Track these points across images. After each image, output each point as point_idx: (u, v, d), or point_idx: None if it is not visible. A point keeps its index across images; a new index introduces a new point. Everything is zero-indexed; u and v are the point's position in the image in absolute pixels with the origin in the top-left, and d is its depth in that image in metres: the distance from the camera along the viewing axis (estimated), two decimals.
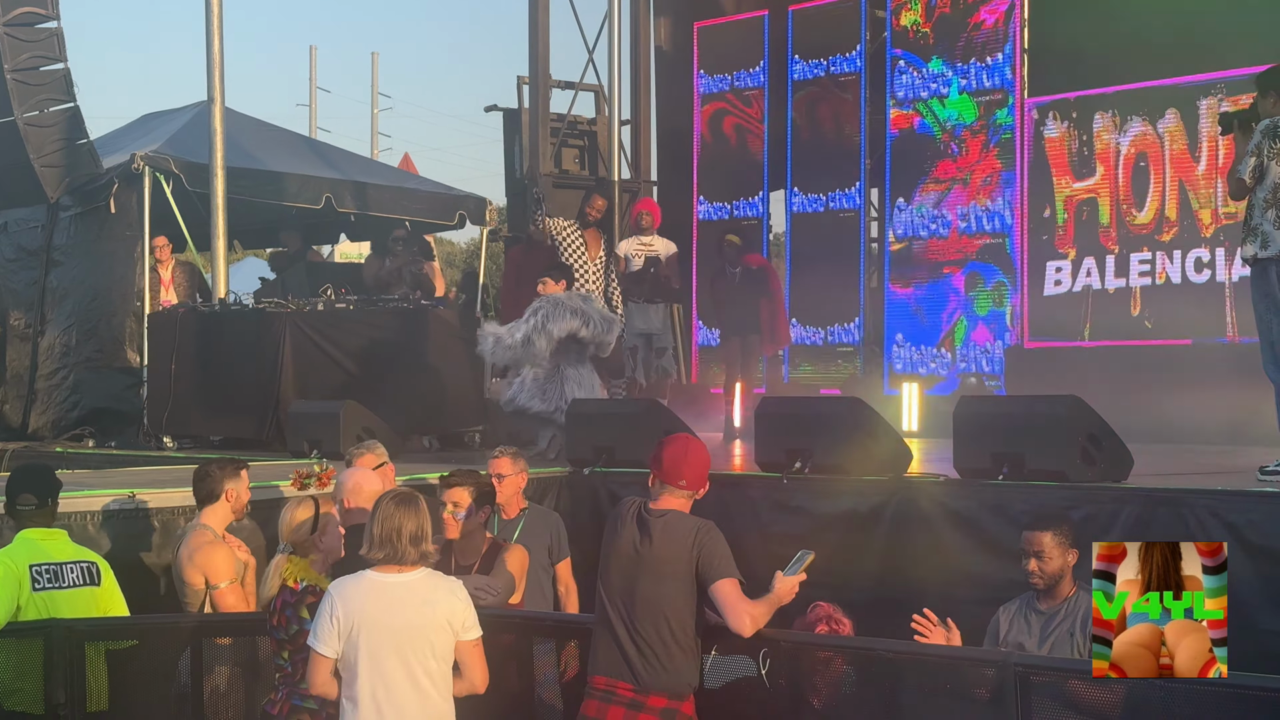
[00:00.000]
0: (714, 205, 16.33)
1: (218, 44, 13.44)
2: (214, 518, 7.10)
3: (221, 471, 7.17)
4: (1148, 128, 12.95)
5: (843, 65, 15.26)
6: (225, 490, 7.11)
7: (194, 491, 7.23)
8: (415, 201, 16.19)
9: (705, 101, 16.46)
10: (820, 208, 15.35)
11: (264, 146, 15.49)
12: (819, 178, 15.39)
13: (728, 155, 16.26)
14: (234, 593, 6.80)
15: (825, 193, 15.33)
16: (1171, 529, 7.09)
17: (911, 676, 5.34)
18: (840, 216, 15.20)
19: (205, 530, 7.00)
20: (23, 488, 6.59)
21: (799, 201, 15.54)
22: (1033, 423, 7.80)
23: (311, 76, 40.60)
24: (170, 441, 12.80)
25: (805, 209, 15.48)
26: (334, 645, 5.26)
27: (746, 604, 5.37)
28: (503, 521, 7.59)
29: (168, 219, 13.92)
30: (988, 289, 13.92)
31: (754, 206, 16.06)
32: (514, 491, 7.63)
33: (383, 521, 5.31)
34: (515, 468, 7.65)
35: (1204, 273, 12.57)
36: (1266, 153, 7.55)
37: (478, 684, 5.40)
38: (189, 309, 13.26)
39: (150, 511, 7.93)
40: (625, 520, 5.59)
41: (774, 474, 8.57)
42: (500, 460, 7.64)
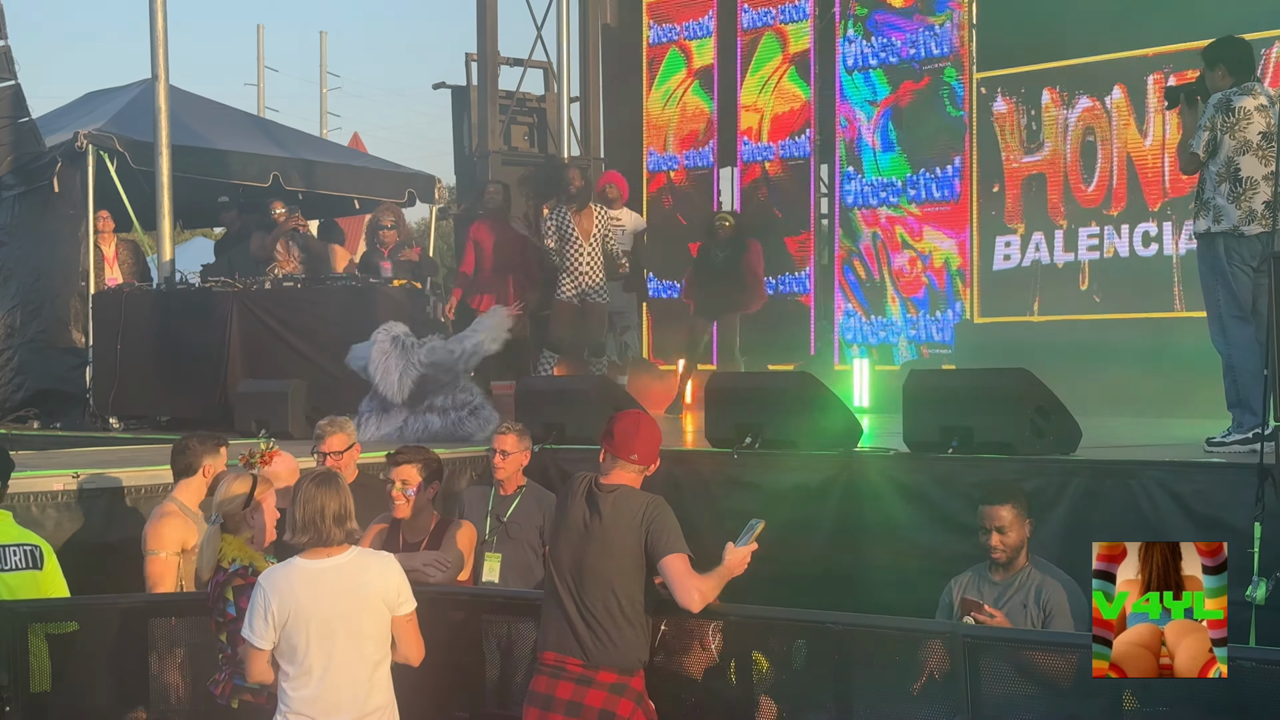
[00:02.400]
0: (664, 155, 16.27)
1: (161, 20, 13.31)
2: (187, 492, 7.06)
3: (202, 447, 7.13)
4: (1095, 102, 12.99)
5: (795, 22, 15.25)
6: (203, 466, 7.07)
7: (171, 464, 7.19)
8: (363, 179, 16.09)
9: (652, 59, 16.38)
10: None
11: (210, 124, 15.34)
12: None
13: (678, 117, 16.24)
14: (162, 564, 6.72)
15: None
16: (1119, 500, 7.13)
17: (862, 649, 5.34)
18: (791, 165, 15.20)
19: (172, 503, 6.98)
20: None
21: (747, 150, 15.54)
22: (981, 396, 7.83)
23: (259, 55, 40.31)
24: (116, 422, 12.70)
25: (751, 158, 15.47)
26: (269, 637, 5.19)
27: (695, 579, 5.35)
28: (499, 498, 7.56)
29: (112, 198, 13.78)
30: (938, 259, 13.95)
31: (704, 156, 16.01)
32: (515, 469, 7.60)
33: (304, 504, 5.22)
34: (520, 445, 7.60)
35: (1151, 247, 12.63)
36: (1220, 126, 7.56)
37: (411, 657, 5.35)
38: (134, 289, 13.14)
39: (94, 492, 7.84)
40: (575, 496, 5.57)
41: (724, 449, 8.57)
42: (506, 437, 7.59)
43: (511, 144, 16.72)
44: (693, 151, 16.17)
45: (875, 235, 14.40)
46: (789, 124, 15.26)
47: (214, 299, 12.45)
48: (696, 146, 16.11)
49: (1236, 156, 7.52)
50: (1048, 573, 6.21)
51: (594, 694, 5.37)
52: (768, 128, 15.45)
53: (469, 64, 16.66)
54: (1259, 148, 7.49)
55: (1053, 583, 6.14)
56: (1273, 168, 7.44)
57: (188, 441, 7.22)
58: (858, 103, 14.60)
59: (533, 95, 17.18)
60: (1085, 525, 7.15)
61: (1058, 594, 6.10)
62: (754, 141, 15.53)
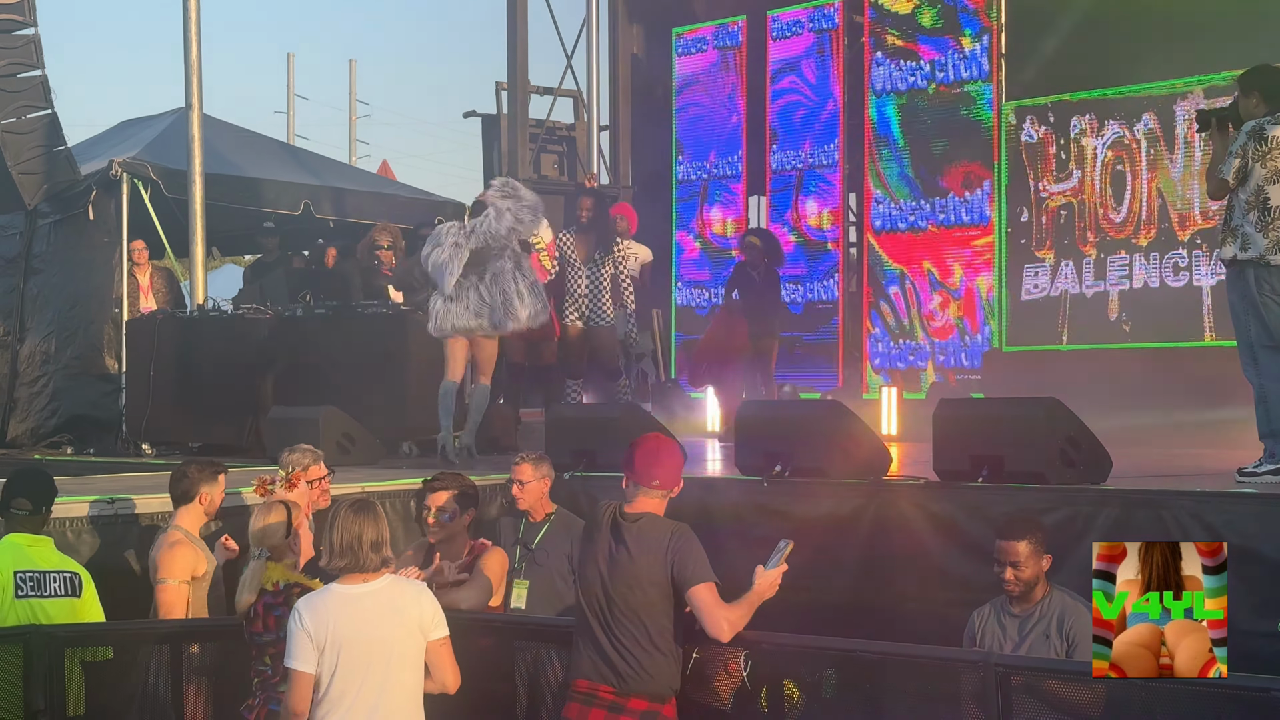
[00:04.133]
0: (692, 164, 16.33)
1: (195, 50, 13.43)
2: (187, 519, 7.09)
3: (200, 474, 7.15)
4: (1125, 131, 13.00)
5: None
6: (200, 493, 7.09)
7: (170, 490, 7.22)
8: (394, 207, 16.15)
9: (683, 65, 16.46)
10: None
11: (242, 153, 15.46)
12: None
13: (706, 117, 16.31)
14: (174, 592, 6.74)
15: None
16: (1150, 530, 7.10)
17: (893, 678, 5.34)
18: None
19: (177, 530, 7.00)
20: (20, 491, 6.56)
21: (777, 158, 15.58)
22: (1011, 425, 7.81)
23: (289, 83, 40.63)
24: (149, 448, 12.77)
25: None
26: (312, 660, 5.20)
27: (723, 609, 5.35)
28: (529, 525, 7.59)
29: (146, 226, 13.88)
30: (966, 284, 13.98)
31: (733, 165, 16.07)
32: (538, 497, 7.60)
33: (342, 530, 5.26)
34: (537, 473, 7.62)
35: (1181, 276, 12.62)
36: (1251, 154, 7.52)
37: (449, 684, 5.37)
38: (167, 315, 13.21)
39: (128, 518, 7.89)
40: (601, 525, 5.56)
41: (754, 477, 8.58)
42: (521, 466, 7.61)
43: (541, 172, 16.82)
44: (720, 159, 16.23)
45: (905, 276, 14.40)
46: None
47: (246, 326, 12.51)
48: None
49: (1267, 185, 7.49)
50: (1068, 600, 6.19)
51: None
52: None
53: (499, 92, 16.79)
54: None
55: (1074, 611, 6.12)
56: None
57: (185, 469, 7.23)
58: (886, 127, 14.64)
59: (562, 124, 17.30)
60: None
61: (1080, 621, 6.07)
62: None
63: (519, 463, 7.65)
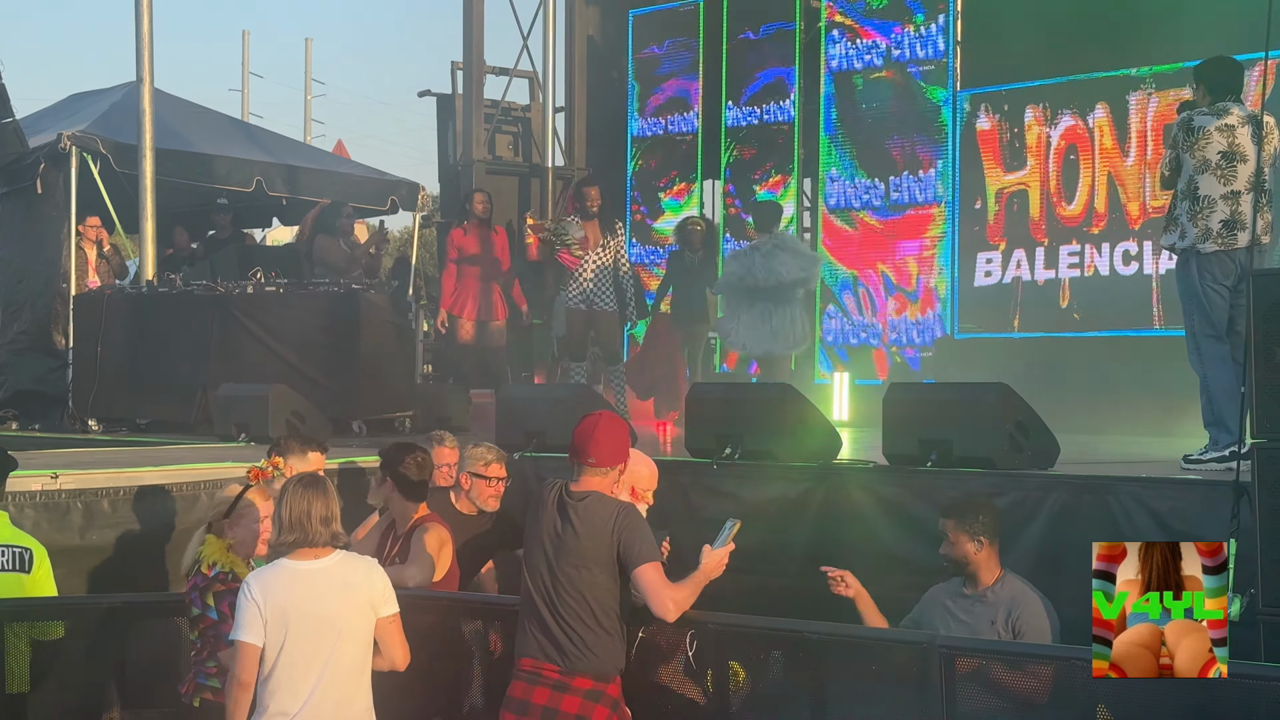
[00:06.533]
0: (648, 120, 16.32)
1: (147, 23, 13.31)
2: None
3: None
4: (1078, 121, 13.05)
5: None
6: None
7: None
8: (347, 186, 16.03)
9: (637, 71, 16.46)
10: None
11: (194, 128, 15.31)
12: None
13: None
14: None
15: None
16: (1097, 516, 7.15)
17: (838, 659, 5.35)
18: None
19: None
20: None
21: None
22: (961, 410, 7.84)
23: (244, 61, 40.33)
24: (95, 424, 12.68)
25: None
26: (259, 633, 5.19)
27: (669, 589, 5.35)
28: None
29: (95, 200, 13.76)
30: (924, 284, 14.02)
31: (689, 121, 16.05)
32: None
33: (291, 505, 5.27)
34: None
35: (1132, 265, 12.70)
36: (1181, 145, 7.68)
37: (398, 661, 5.38)
38: (116, 290, 13.10)
39: (71, 493, 7.83)
40: (547, 504, 5.55)
41: (704, 459, 8.58)
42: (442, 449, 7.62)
43: (496, 153, 16.76)
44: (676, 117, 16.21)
45: (856, 281, 14.43)
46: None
47: (196, 302, 12.42)
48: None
49: (1197, 175, 7.63)
50: (1020, 591, 6.24)
51: (570, 700, 5.37)
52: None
53: (454, 72, 16.71)
54: (1218, 167, 7.57)
55: (1023, 601, 6.17)
56: (1232, 187, 7.53)
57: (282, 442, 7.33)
58: (841, 105, 14.67)
59: (518, 105, 17.24)
60: (1062, 540, 7.18)
61: (1027, 612, 6.13)
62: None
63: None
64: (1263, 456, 5.79)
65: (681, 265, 13.56)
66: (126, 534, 7.94)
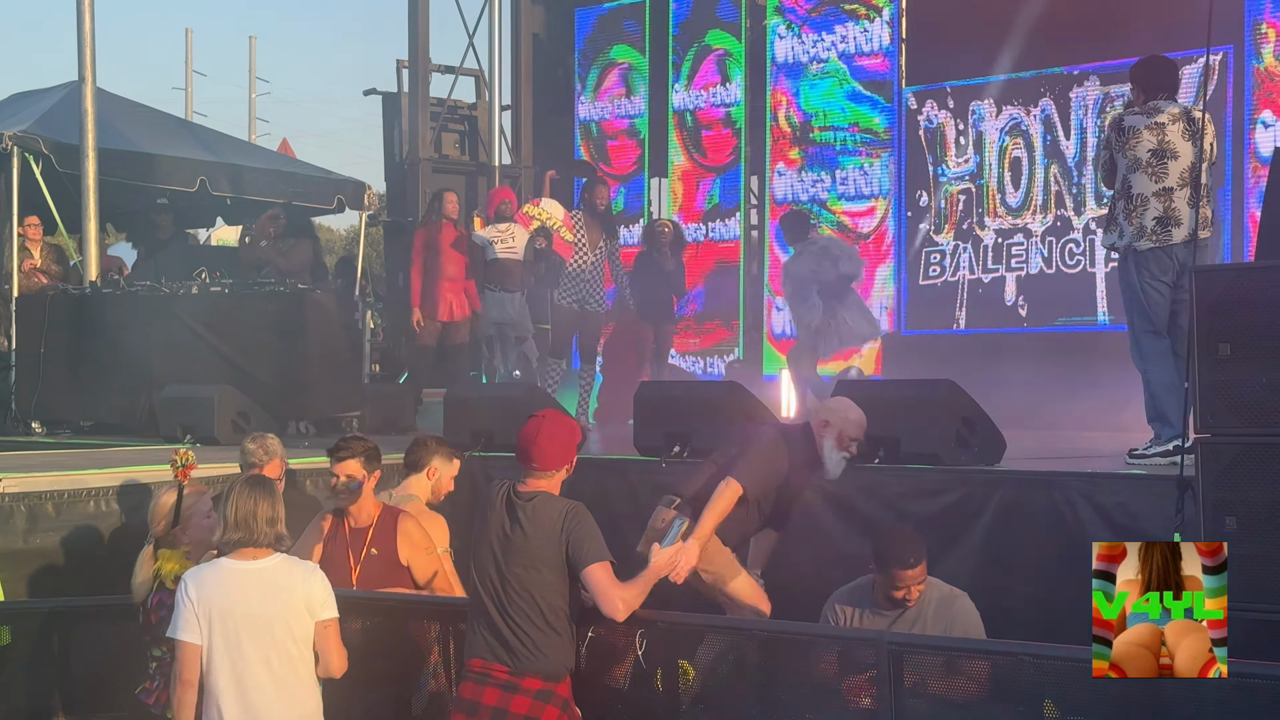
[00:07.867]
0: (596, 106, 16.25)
1: (89, 21, 13.20)
2: (416, 488, 7.11)
3: (439, 447, 7.20)
4: (1023, 116, 13.13)
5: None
6: (430, 466, 7.11)
7: (405, 456, 7.22)
8: (293, 185, 15.94)
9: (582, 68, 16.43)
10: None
11: (137, 128, 15.20)
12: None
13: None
14: (448, 558, 6.75)
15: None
16: (1042, 511, 7.20)
17: (787, 657, 5.36)
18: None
19: (415, 500, 6.98)
20: None
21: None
22: (908, 407, 7.87)
23: (188, 60, 39.97)
24: (39, 427, 12.56)
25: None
26: (196, 631, 5.18)
27: (618, 588, 5.34)
28: None
29: (36, 200, 13.63)
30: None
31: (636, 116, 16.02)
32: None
33: (237, 505, 5.25)
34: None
35: (1076, 260, 12.78)
36: (1114, 145, 7.73)
37: (333, 667, 5.35)
38: (59, 292, 12.99)
39: (15, 497, 7.75)
40: (494, 504, 5.52)
41: (653, 458, 8.58)
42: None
43: (442, 151, 16.70)
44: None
45: None
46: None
47: (140, 303, 12.32)
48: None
49: (1129, 174, 7.68)
50: (945, 592, 6.19)
51: (519, 700, 5.36)
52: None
53: (400, 71, 16.64)
54: (1148, 165, 7.62)
55: (949, 600, 6.15)
56: (1164, 184, 7.58)
57: (427, 439, 7.30)
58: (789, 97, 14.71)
59: (464, 103, 17.19)
60: (1008, 535, 7.22)
61: (956, 607, 6.12)
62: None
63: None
64: (1206, 451, 5.83)
65: (650, 266, 13.42)
66: (70, 537, 7.87)
